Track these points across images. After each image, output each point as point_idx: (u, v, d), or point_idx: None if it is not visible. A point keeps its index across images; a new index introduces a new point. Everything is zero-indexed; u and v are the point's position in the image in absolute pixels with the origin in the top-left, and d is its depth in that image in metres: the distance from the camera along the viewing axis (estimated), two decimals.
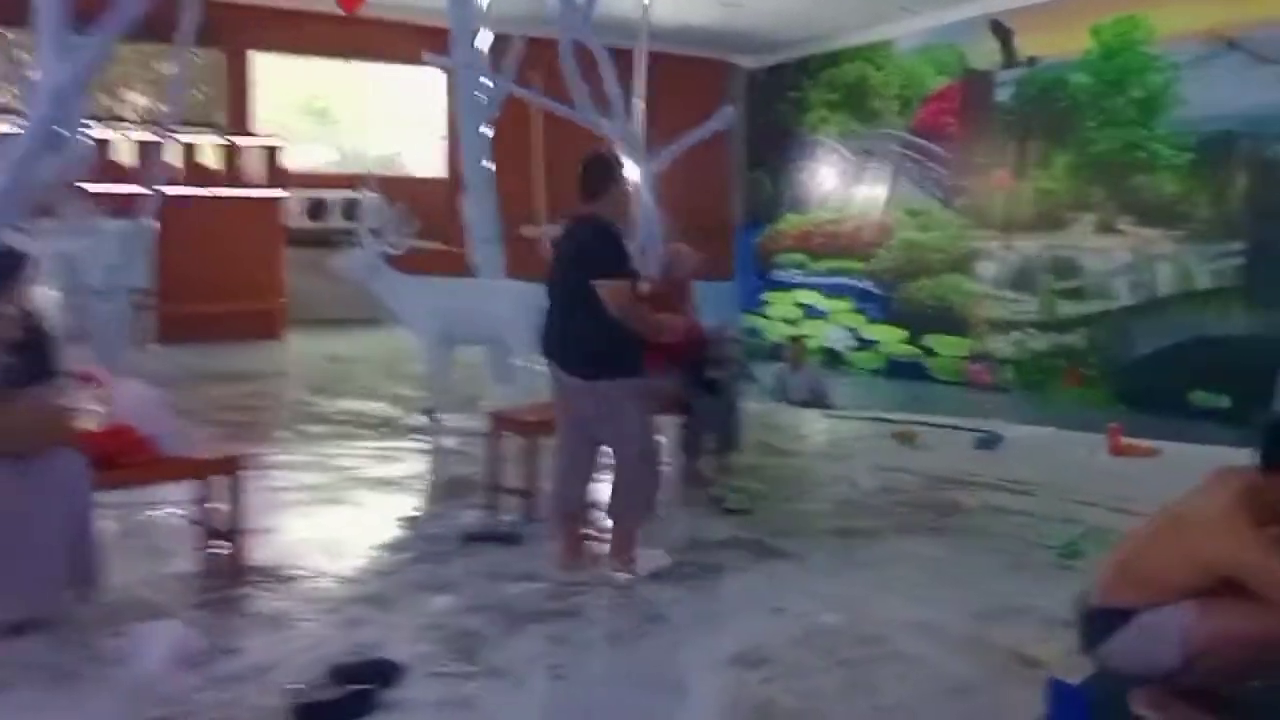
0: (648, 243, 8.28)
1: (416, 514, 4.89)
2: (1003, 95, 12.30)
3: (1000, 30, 12.19)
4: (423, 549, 4.31)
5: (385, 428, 6.81)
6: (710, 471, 5.33)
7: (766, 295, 15.59)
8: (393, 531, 4.59)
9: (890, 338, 13.54)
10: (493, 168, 8.33)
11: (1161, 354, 10.58)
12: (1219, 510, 2.60)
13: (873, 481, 5.67)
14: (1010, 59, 12.15)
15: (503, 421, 4.96)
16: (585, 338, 3.80)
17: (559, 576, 3.97)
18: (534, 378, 6.94)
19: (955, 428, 7.13)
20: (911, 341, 13.22)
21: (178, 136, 9.80)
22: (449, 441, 6.48)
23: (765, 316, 15.49)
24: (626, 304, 3.76)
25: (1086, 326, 11.28)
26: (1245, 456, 2.69)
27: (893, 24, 13.24)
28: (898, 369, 13.21)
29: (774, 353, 12.14)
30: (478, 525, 4.54)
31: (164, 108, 9.48)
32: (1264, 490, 2.61)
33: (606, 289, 3.71)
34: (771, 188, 15.71)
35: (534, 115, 11.03)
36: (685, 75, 13.66)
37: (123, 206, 8.79)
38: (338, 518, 4.81)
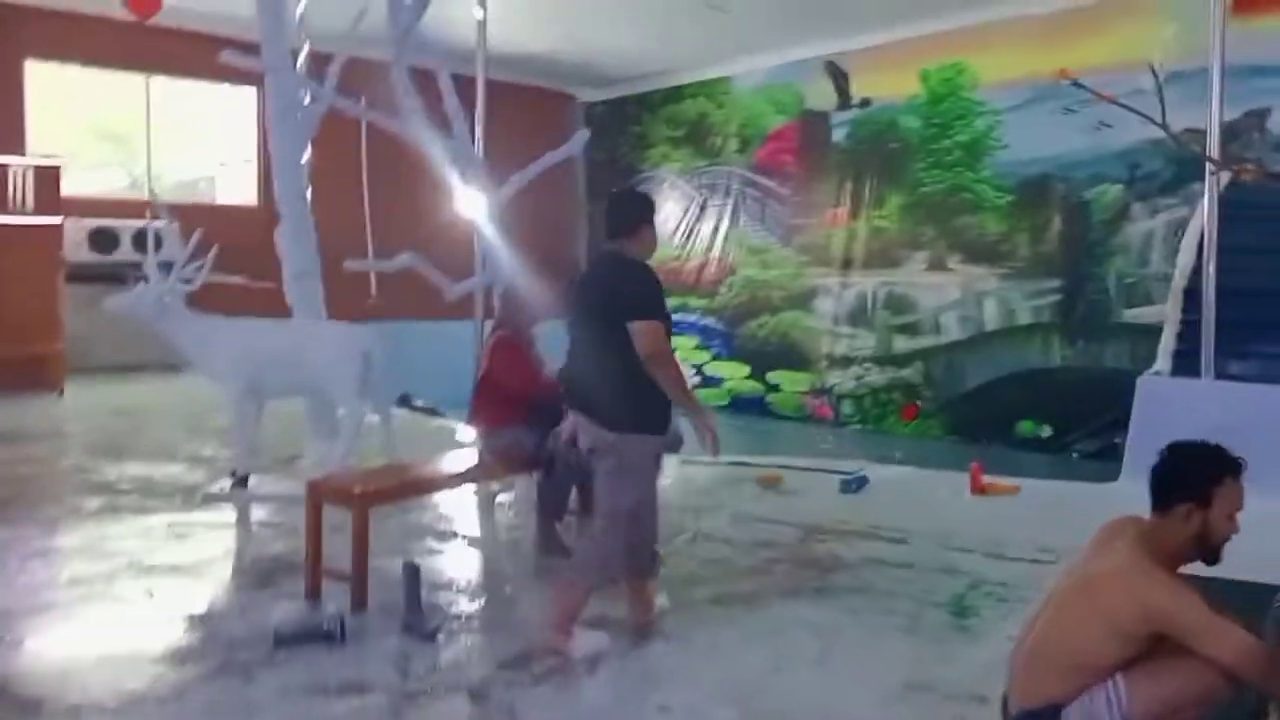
0: (493, 280, 7.62)
1: (215, 610, 4.00)
2: (838, 135, 12.50)
3: (835, 72, 12.37)
4: (221, 659, 3.47)
5: (181, 497, 5.80)
6: (571, 536, 4.74)
7: None
8: (182, 636, 3.70)
9: (734, 374, 13.46)
10: (309, 194, 7.48)
11: (989, 387, 10.99)
12: (1124, 562, 2.42)
13: (745, 535, 5.26)
14: (845, 100, 12.37)
15: (324, 490, 4.20)
16: (613, 386, 3.56)
17: (397, 686, 3.25)
18: (363, 435, 6.13)
19: (819, 470, 6.84)
20: (754, 378, 13.17)
21: None
22: (259, 513, 5.59)
23: None
24: (661, 348, 3.53)
25: (921, 360, 11.54)
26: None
27: (732, 61, 13.25)
28: (740, 405, 13.11)
29: None
30: (292, 622, 3.70)
31: None
32: (1159, 531, 2.47)
33: (643, 328, 3.50)
34: None
35: (360, 138, 10.16)
36: (521, 105, 13.25)
37: None
38: (110, 620, 3.86)
